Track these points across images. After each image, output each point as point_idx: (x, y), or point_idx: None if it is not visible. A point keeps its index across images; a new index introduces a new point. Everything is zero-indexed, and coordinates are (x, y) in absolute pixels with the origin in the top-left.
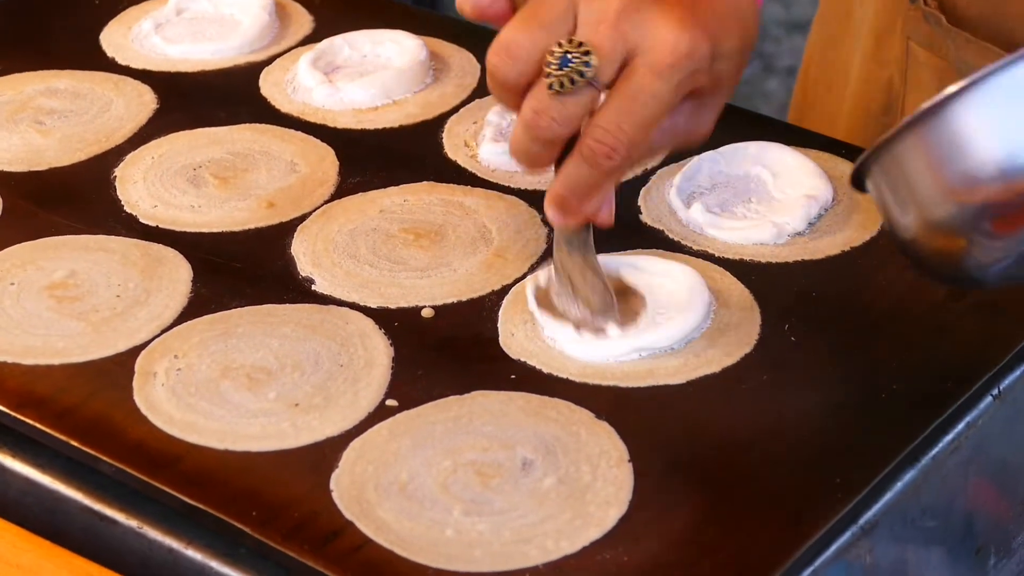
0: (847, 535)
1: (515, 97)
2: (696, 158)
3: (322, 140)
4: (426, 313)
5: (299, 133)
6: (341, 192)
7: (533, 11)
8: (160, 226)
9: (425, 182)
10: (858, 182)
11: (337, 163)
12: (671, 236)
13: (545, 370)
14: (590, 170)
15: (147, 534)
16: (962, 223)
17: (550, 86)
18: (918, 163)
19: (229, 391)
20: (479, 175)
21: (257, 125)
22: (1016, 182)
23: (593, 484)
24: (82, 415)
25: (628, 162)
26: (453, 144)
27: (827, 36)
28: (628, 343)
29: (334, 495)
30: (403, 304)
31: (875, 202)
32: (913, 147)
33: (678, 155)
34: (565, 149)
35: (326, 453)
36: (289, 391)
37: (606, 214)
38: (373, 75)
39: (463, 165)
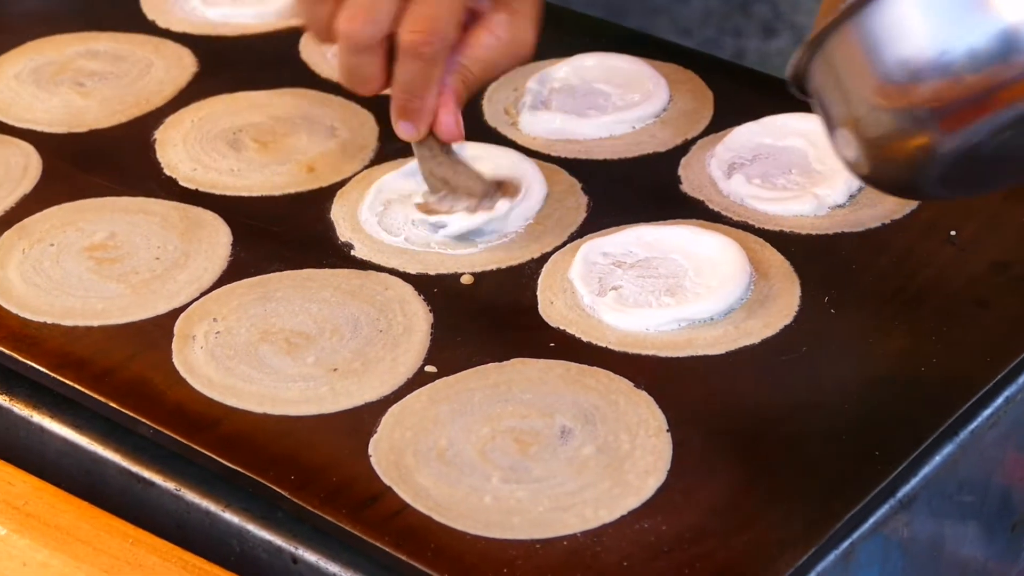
0: (885, 508)
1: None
2: (736, 129)
3: (362, 106)
4: (465, 280)
5: (339, 98)
6: (381, 158)
7: None
8: (200, 189)
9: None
10: (798, 79)
11: (377, 128)
12: (711, 207)
13: (584, 338)
14: (414, 62)
15: (184, 496)
16: (908, 115)
17: None
18: (860, 52)
19: (268, 355)
20: (519, 143)
21: (297, 90)
22: (959, 72)
23: (632, 453)
24: (121, 377)
25: (444, 46)
26: (493, 111)
27: None
28: (668, 313)
29: (372, 460)
30: (442, 271)
31: (818, 105)
32: (855, 35)
33: (716, 125)
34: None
35: (365, 418)
36: (328, 356)
37: (451, 124)
38: None
39: (503, 133)
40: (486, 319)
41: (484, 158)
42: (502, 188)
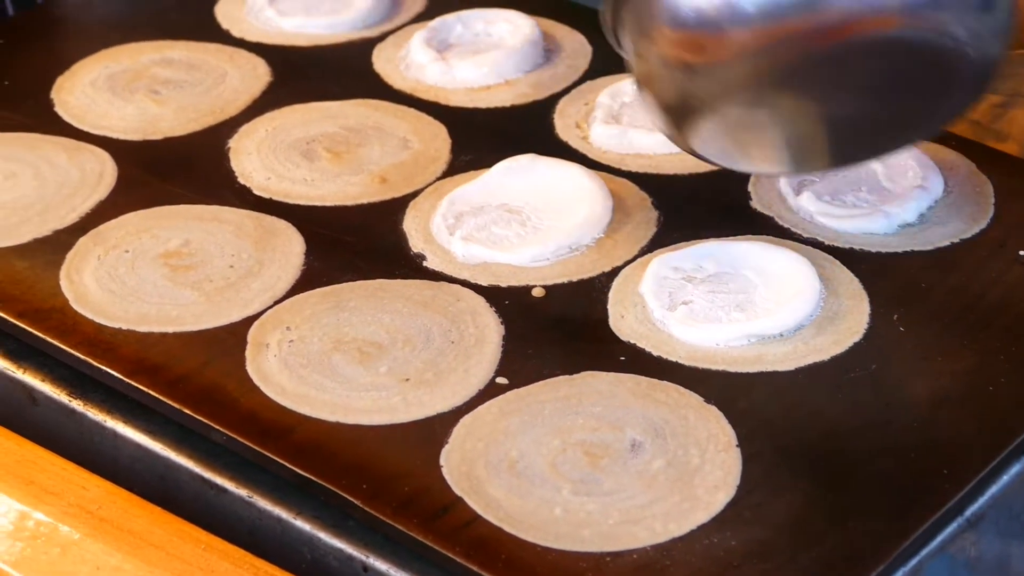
0: (952, 527)
1: None
2: None
3: (434, 117)
4: (537, 292)
5: (412, 110)
6: (453, 169)
7: None
8: (273, 198)
9: None
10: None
11: (450, 140)
12: (781, 223)
13: (655, 353)
14: None
15: (257, 503)
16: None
17: None
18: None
19: (341, 364)
20: (590, 156)
21: (370, 101)
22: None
23: (701, 468)
24: (195, 383)
25: None
26: (564, 125)
27: None
28: (738, 328)
29: (444, 471)
30: (514, 283)
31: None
32: None
33: None
34: None
35: (436, 429)
36: (400, 366)
37: None
38: (485, 54)
39: (574, 146)
40: (557, 332)
41: (553, 173)
42: None
